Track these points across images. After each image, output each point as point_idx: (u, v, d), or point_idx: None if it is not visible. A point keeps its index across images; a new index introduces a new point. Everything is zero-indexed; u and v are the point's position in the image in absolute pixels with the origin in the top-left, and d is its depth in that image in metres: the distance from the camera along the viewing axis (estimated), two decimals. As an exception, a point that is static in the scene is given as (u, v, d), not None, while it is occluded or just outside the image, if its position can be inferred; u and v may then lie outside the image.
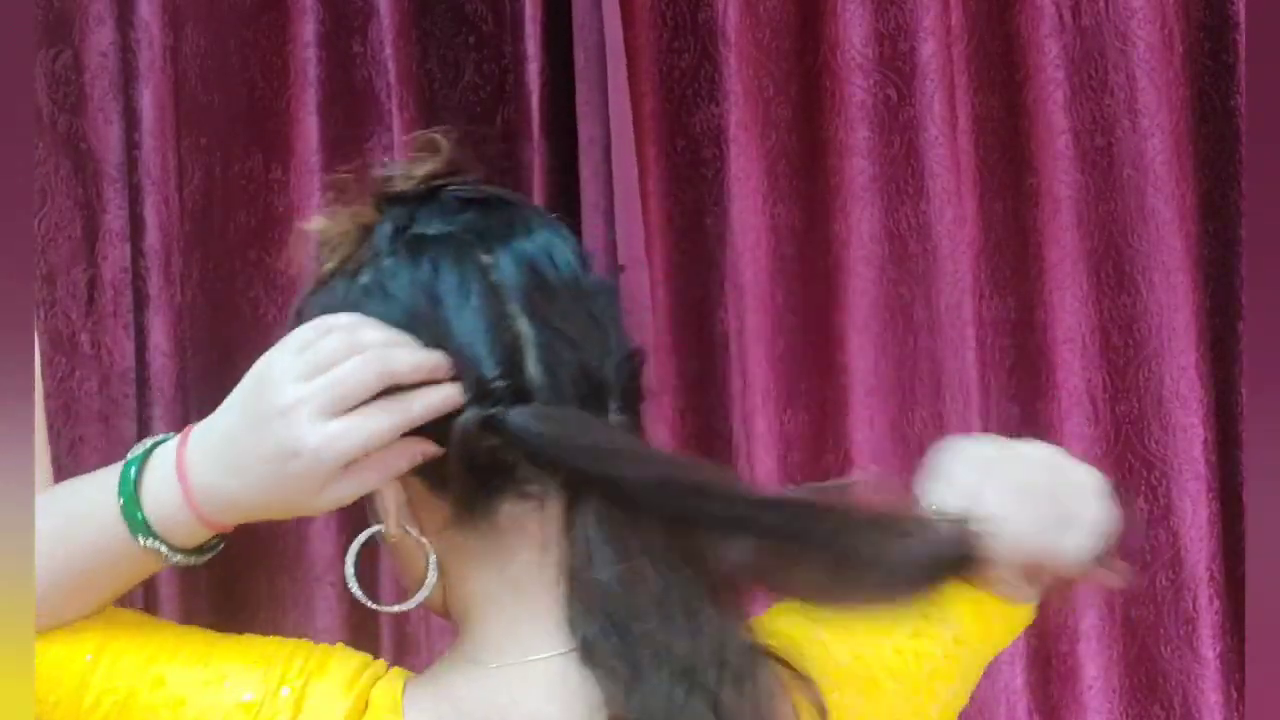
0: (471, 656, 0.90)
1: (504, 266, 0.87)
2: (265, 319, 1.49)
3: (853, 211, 1.57)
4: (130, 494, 0.85)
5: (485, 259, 0.88)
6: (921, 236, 1.58)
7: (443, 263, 0.87)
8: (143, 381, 1.42)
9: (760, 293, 1.57)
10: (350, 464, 0.83)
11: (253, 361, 1.48)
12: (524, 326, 0.86)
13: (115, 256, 1.42)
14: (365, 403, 0.83)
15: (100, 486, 0.88)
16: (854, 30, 1.56)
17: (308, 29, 1.49)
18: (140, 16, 1.42)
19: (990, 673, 1.58)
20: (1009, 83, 1.62)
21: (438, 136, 0.92)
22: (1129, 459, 1.62)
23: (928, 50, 1.56)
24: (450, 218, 0.90)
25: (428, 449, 0.85)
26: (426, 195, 0.91)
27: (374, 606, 0.93)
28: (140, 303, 1.42)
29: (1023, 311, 1.63)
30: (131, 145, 1.42)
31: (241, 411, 0.85)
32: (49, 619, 0.87)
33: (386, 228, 0.90)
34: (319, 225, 0.92)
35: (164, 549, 0.86)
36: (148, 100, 1.42)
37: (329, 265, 0.91)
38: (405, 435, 0.84)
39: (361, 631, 1.41)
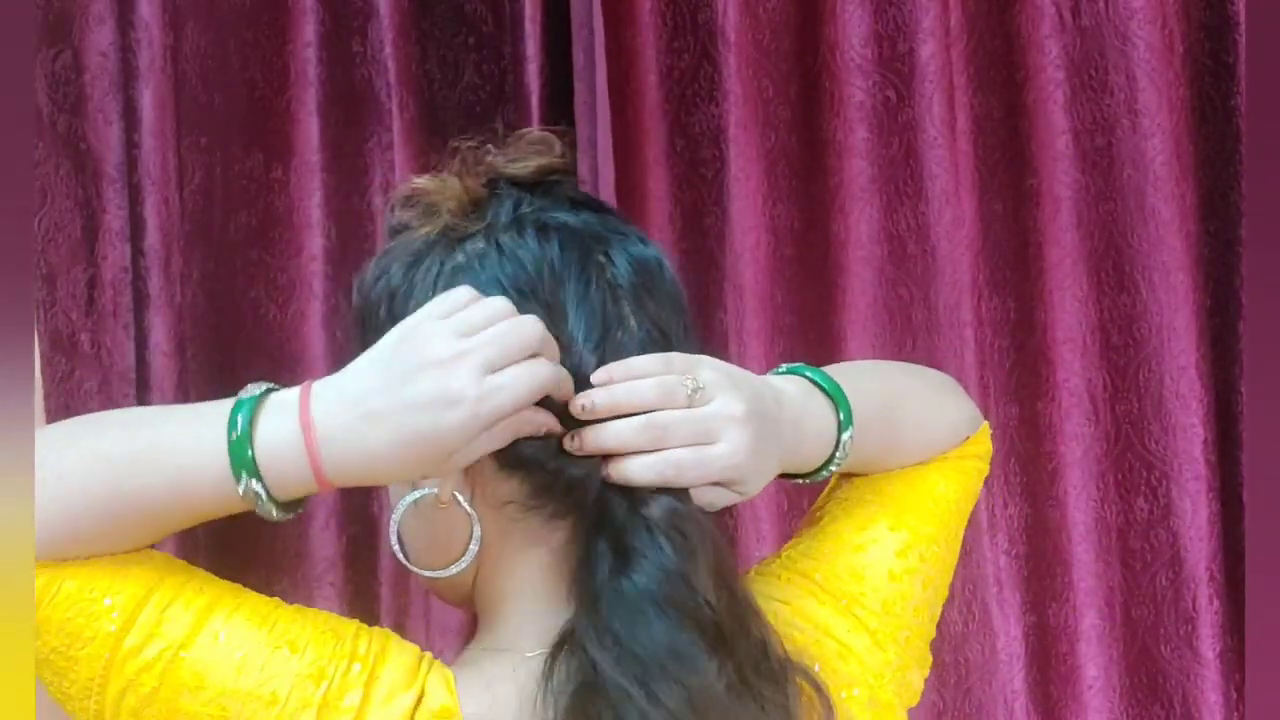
0: (503, 644, 0.90)
1: (620, 266, 0.90)
2: (266, 319, 1.49)
3: (852, 212, 1.57)
4: (243, 433, 0.82)
5: (600, 259, 0.90)
6: (920, 237, 1.58)
7: (569, 249, 0.89)
8: (143, 381, 1.42)
9: (760, 293, 1.57)
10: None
11: (254, 361, 1.49)
12: (632, 325, 0.90)
13: (115, 256, 1.42)
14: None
15: (196, 419, 0.85)
16: (853, 31, 1.57)
17: (308, 29, 1.50)
18: (140, 16, 1.42)
19: (990, 673, 1.59)
20: (1009, 83, 1.62)
21: (551, 135, 0.95)
22: (1129, 459, 1.62)
23: (927, 51, 1.56)
24: (569, 212, 0.92)
25: (551, 423, 0.86)
26: (539, 185, 0.93)
27: (413, 569, 0.93)
28: (140, 303, 1.42)
29: (1023, 311, 1.63)
30: (131, 145, 1.42)
31: (386, 368, 0.83)
32: (93, 545, 0.85)
33: (507, 205, 0.91)
34: (428, 184, 0.93)
35: (263, 495, 0.83)
36: (148, 100, 1.42)
37: (426, 229, 0.92)
38: None
39: (361, 631, 1.41)
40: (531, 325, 0.84)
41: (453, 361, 0.81)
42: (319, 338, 1.48)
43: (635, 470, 0.87)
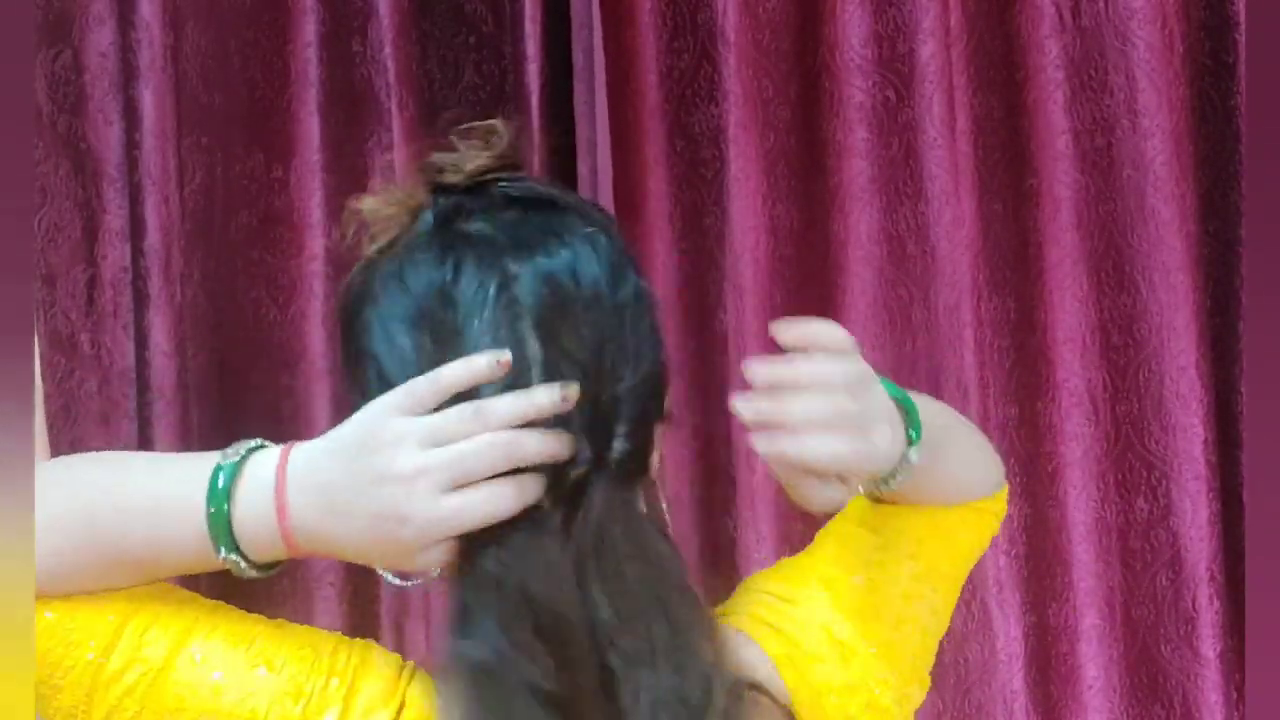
0: None
1: (525, 281, 0.85)
2: (266, 319, 1.49)
3: (851, 212, 1.57)
4: (221, 506, 0.83)
5: (512, 267, 0.86)
6: (920, 238, 1.58)
7: (465, 266, 0.86)
8: (143, 381, 1.42)
9: (760, 293, 1.57)
10: None
11: (254, 361, 1.49)
12: (533, 349, 0.84)
13: (115, 256, 1.42)
14: None
15: (183, 479, 0.85)
16: (853, 31, 1.57)
17: (308, 29, 1.50)
18: (140, 16, 1.42)
19: (990, 673, 1.59)
20: (1009, 83, 1.62)
21: (498, 124, 0.91)
22: (1129, 459, 1.62)
23: (927, 51, 1.56)
24: (492, 216, 0.88)
25: None
26: (476, 188, 0.90)
27: (399, 584, 0.91)
28: (140, 303, 1.42)
29: (1023, 311, 1.63)
30: (131, 145, 1.42)
31: (349, 466, 0.82)
32: (78, 587, 0.85)
33: (429, 217, 0.89)
34: (368, 205, 0.91)
35: (242, 564, 0.84)
36: (148, 100, 1.42)
37: (375, 246, 0.90)
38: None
39: (361, 632, 1.40)
40: (495, 451, 0.81)
41: (410, 480, 0.80)
42: (319, 338, 1.48)
43: (817, 449, 0.83)
